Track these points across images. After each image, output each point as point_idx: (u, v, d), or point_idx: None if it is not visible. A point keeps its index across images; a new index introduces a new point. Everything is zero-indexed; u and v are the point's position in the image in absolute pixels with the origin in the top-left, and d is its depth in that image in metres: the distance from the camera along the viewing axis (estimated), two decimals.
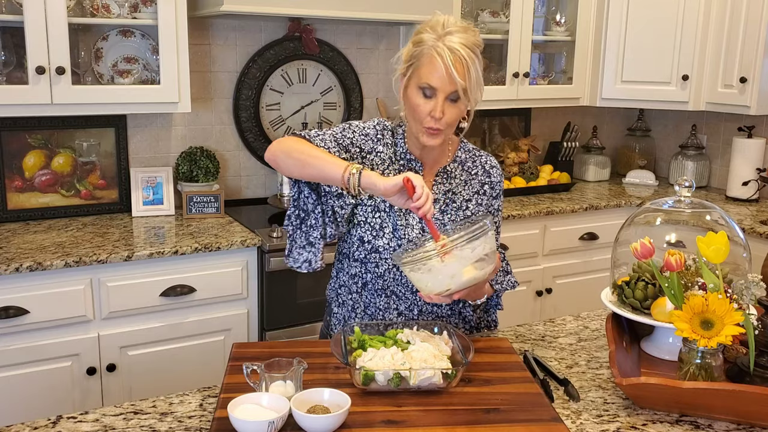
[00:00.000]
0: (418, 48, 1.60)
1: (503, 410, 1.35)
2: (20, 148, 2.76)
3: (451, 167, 1.77)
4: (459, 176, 1.78)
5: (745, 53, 3.23)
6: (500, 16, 3.39)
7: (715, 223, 1.63)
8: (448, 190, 1.76)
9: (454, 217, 1.75)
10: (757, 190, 3.46)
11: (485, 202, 1.79)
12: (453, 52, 1.56)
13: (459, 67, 1.56)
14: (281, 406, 1.27)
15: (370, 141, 1.72)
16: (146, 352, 2.50)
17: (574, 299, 3.34)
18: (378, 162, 1.72)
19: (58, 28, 2.43)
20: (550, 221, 3.27)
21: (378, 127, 1.75)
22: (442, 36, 1.58)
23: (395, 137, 1.76)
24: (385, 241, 1.72)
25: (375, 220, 1.72)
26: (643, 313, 1.58)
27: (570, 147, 3.85)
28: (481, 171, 1.80)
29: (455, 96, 1.59)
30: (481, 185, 1.79)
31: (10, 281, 2.25)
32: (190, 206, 2.88)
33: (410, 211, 1.71)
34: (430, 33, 1.59)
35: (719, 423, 1.37)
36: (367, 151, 1.72)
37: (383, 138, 1.74)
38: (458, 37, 1.58)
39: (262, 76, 3.14)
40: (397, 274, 1.74)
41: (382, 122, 1.76)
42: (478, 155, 1.81)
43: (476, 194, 1.78)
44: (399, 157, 1.74)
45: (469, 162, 1.79)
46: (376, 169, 1.71)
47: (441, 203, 1.75)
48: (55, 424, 1.32)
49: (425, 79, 1.59)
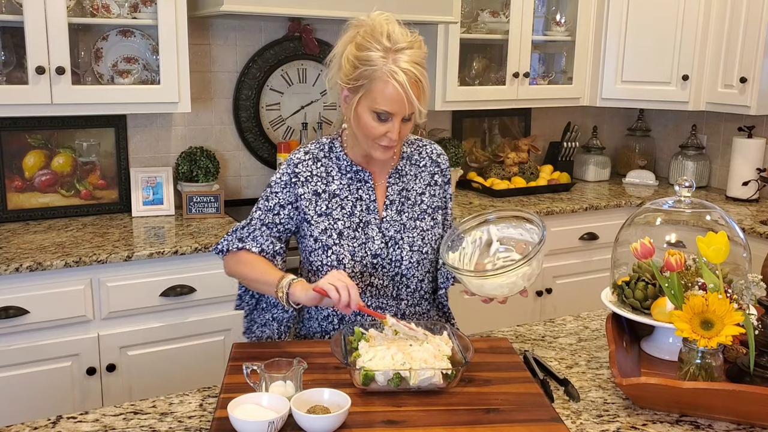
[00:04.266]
0: (368, 68, 1.55)
1: (503, 410, 1.35)
2: (20, 148, 2.76)
3: (401, 165, 1.77)
4: (409, 172, 1.78)
5: (745, 53, 3.23)
6: (500, 16, 3.39)
7: (715, 223, 1.63)
8: (402, 189, 1.76)
9: (411, 214, 1.75)
10: (757, 190, 3.46)
11: (438, 192, 1.80)
12: (407, 74, 1.53)
13: (415, 90, 1.55)
14: (281, 406, 1.27)
15: (290, 189, 1.70)
16: (146, 352, 2.49)
17: (574, 299, 3.33)
18: (306, 204, 1.70)
19: (58, 28, 2.43)
20: (550, 221, 3.27)
21: (288, 171, 1.71)
22: (391, 53, 1.54)
23: (333, 152, 1.74)
24: (348, 270, 1.69)
25: (329, 258, 1.69)
26: (643, 313, 1.58)
27: (570, 147, 3.85)
28: (429, 161, 1.80)
29: (410, 116, 1.60)
30: (432, 176, 1.79)
31: (10, 281, 2.25)
32: (190, 206, 2.88)
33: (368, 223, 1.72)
34: (378, 50, 1.54)
35: (719, 423, 1.37)
36: (293, 202, 1.71)
37: (300, 177, 1.70)
38: (408, 55, 1.54)
39: (262, 76, 3.14)
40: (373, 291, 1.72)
41: (291, 161, 1.72)
42: (422, 145, 1.82)
43: (428, 186, 1.79)
44: (344, 170, 1.73)
45: (415, 155, 1.80)
46: (308, 212, 1.69)
47: (397, 203, 1.75)
48: (55, 424, 1.32)
49: (381, 105, 1.56)
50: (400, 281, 1.75)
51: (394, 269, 1.74)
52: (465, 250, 1.64)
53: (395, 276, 1.74)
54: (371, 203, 1.73)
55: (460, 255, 1.64)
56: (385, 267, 1.73)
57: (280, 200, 1.71)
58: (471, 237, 1.65)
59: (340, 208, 1.71)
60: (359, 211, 1.72)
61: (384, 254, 1.71)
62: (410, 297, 1.77)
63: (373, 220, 1.73)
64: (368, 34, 1.57)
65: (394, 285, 1.75)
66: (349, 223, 1.70)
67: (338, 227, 1.70)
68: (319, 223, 1.70)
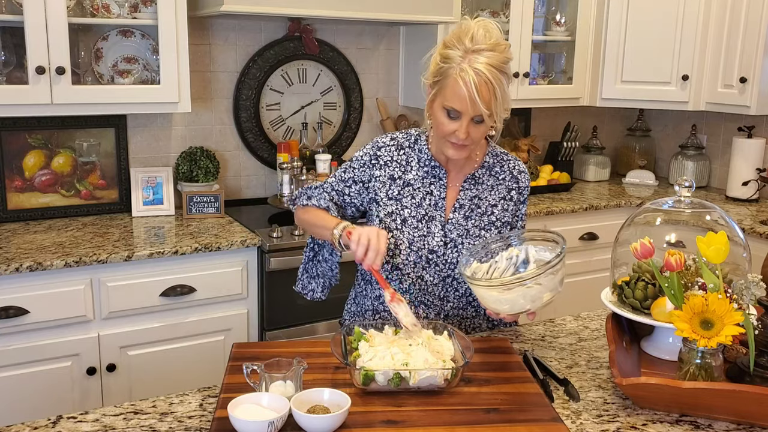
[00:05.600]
0: (445, 65, 1.58)
1: (503, 410, 1.35)
2: (20, 148, 2.76)
3: (479, 173, 1.78)
4: (486, 181, 1.78)
5: (745, 53, 3.23)
6: (500, 16, 3.39)
7: (715, 223, 1.63)
8: (475, 196, 1.77)
9: (478, 223, 1.76)
10: (757, 190, 3.46)
11: (511, 207, 1.80)
12: (478, 75, 1.53)
13: (484, 92, 1.54)
14: (281, 406, 1.27)
15: (368, 169, 1.77)
16: (146, 352, 2.50)
17: (574, 299, 3.33)
18: (379, 186, 1.76)
19: (58, 28, 2.43)
20: (550, 221, 3.27)
21: (371, 151, 1.78)
22: (469, 54, 1.55)
23: (418, 144, 1.77)
24: (403, 257, 1.74)
25: (388, 241, 1.72)
26: (643, 313, 1.58)
27: (570, 147, 3.85)
28: (509, 176, 1.80)
29: (480, 118, 1.59)
30: (508, 191, 1.80)
31: (10, 281, 2.25)
32: (190, 206, 2.88)
33: (433, 218, 1.74)
34: (458, 49, 1.56)
35: (719, 423, 1.37)
36: (367, 181, 1.77)
37: (380, 159, 1.76)
38: (485, 57, 1.54)
39: (262, 76, 3.14)
40: (422, 285, 1.76)
41: (376, 143, 1.79)
42: (506, 160, 1.82)
43: (502, 200, 1.79)
44: (423, 164, 1.76)
45: (497, 167, 1.80)
46: (379, 194, 1.76)
47: (466, 209, 1.76)
48: (55, 424, 1.32)
49: (449, 102, 1.58)
50: (450, 284, 1.78)
51: (447, 270, 1.76)
52: (498, 264, 1.59)
53: (446, 277, 1.77)
54: (440, 200, 1.75)
55: (490, 267, 1.61)
56: (438, 266, 1.75)
57: (354, 176, 1.78)
58: (507, 253, 1.62)
59: (410, 197, 1.75)
60: (427, 205, 1.75)
61: (440, 252, 1.74)
62: (457, 300, 1.80)
63: (439, 217, 1.75)
64: (456, 35, 1.59)
65: (443, 285, 1.78)
66: (415, 213, 1.74)
67: (404, 214, 1.74)
68: (387, 205, 1.75)
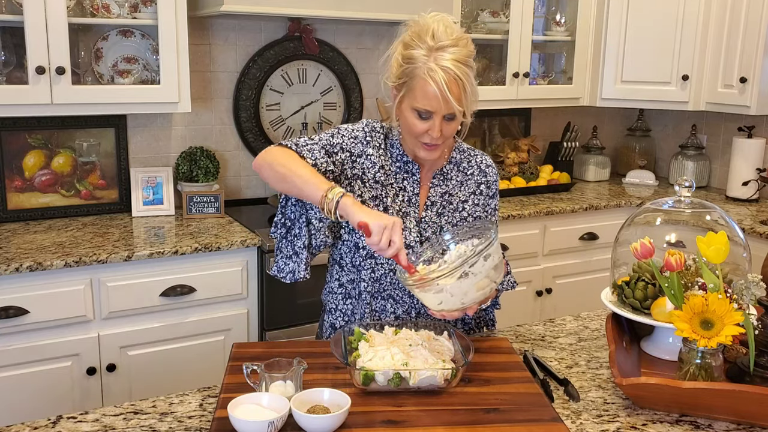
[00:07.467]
0: (410, 65, 1.55)
1: (503, 410, 1.35)
2: (20, 148, 2.76)
3: (447, 168, 1.77)
4: (455, 177, 1.77)
5: (745, 53, 3.23)
6: (500, 16, 3.39)
7: (715, 223, 1.63)
8: (445, 192, 1.76)
9: (451, 219, 1.75)
10: (757, 190, 3.46)
11: (482, 201, 1.78)
12: (446, 72, 1.52)
13: (454, 88, 1.53)
14: (281, 406, 1.27)
15: (359, 144, 1.70)
16: (146, 352, 2.50)
17: (574, 299, 3.34)
18: (368, 165, 1.69)
19: (58, 28, 2.43)
20: (550, 221, 3.27)
21: (366, 129, 1.72)
22: (434, 52, 1.53)
23: (389, 139, 1.74)
24: None
25: None
26: (643, 313, 1.58)
27: (570, 147, 3.85)
28: (477, 171, 1.79)
29: (452, 116, 1.58)
30: (477, 185, 1.78)
31: (10, 281, 2.25)
32: (190, 206, 2.88)
33: (407, 214, 1.71)
34: (420, 48, 1.54)
35: (719, 423, 1.37)
36: (356, 155, 1.69)
37: (372, 140, 1.71)
38: (450, 53, 1.53)
39: (262, 76, 3.14)
40: (394, 279, 1.73)
41: (371, 123, 1.73)
42: (473, 155, 1.81)
43: (473, 194, 1.78)
44: (395, 159, 1.73)
45: (464, 162, 1.79)
46: (366, 173, 1.69)
47: (438, 206, 1.75)
48: (55, 424, 1.32)
49: (420, 103, 1.56)
50: None
51: None
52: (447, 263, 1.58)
53: None
54: (413, 196, 1.74)
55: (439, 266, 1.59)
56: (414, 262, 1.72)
57: (344, 144, 1.68)
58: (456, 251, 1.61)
59: (390, 187, 1.72)
60: (401, 201, 1.73)
61: (415, 249, 1.70)
62: None
63: (413, 213, 1.73)
64: (415, 33, 1.57)
65: None
66: (392, 204, 1.71)
67: (386, 202, 1.70)
68: (374, 188, 1.69)
